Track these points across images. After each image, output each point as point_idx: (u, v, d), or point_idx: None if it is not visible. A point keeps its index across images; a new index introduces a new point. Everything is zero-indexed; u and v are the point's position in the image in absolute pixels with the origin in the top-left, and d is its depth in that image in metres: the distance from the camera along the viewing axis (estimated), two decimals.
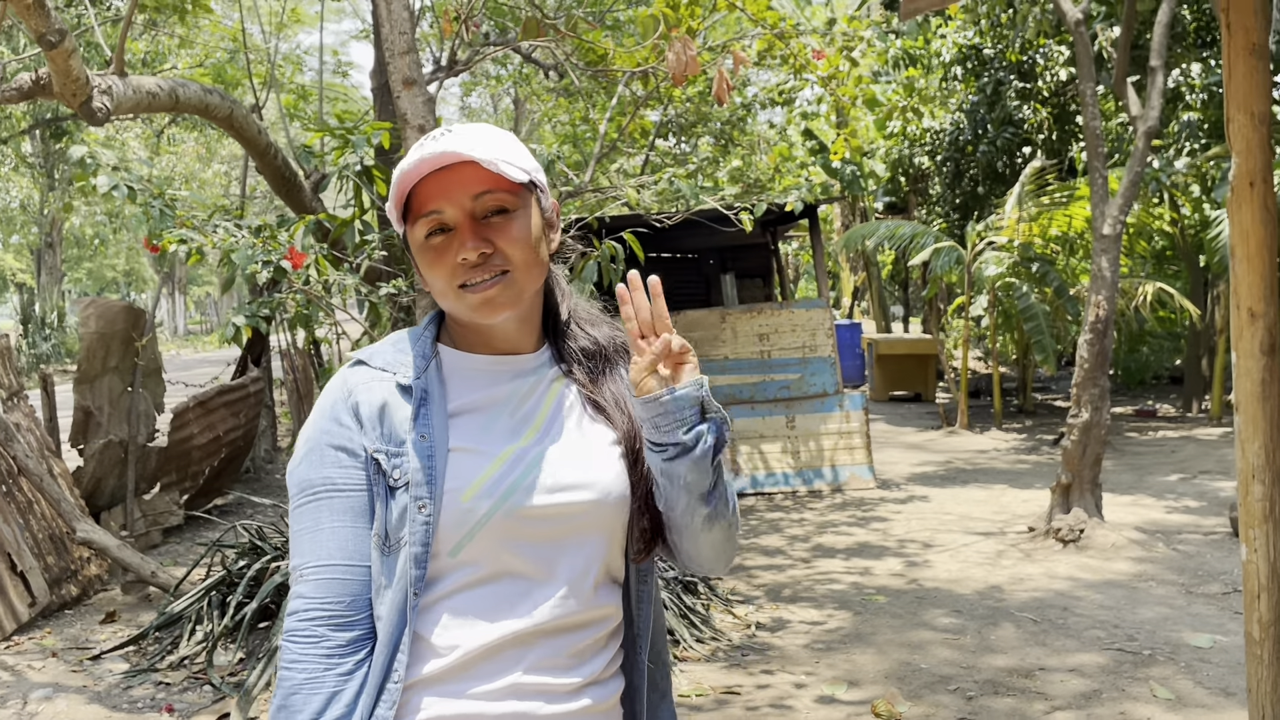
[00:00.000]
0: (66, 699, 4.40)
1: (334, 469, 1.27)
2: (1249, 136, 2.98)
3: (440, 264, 1.28)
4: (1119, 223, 6.74)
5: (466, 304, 1.28)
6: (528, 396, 1.34)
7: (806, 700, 4.31)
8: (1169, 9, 6.74)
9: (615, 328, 1.44)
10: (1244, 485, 2.99)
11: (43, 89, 4.59)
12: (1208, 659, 4.63)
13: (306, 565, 1.26)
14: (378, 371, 1.31)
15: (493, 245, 1.27)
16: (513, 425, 1.32)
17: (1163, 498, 8.21)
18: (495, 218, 1.28)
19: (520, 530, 1.26)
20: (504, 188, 1.28)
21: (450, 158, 1.24)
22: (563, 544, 1.29)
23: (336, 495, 1.27)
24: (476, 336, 1.35)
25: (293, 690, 1.23)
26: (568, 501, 1.28)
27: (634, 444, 1.34)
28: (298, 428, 11.02)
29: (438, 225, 1.28)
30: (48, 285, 27.85)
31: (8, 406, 5.79)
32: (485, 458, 1.27)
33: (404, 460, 1.25)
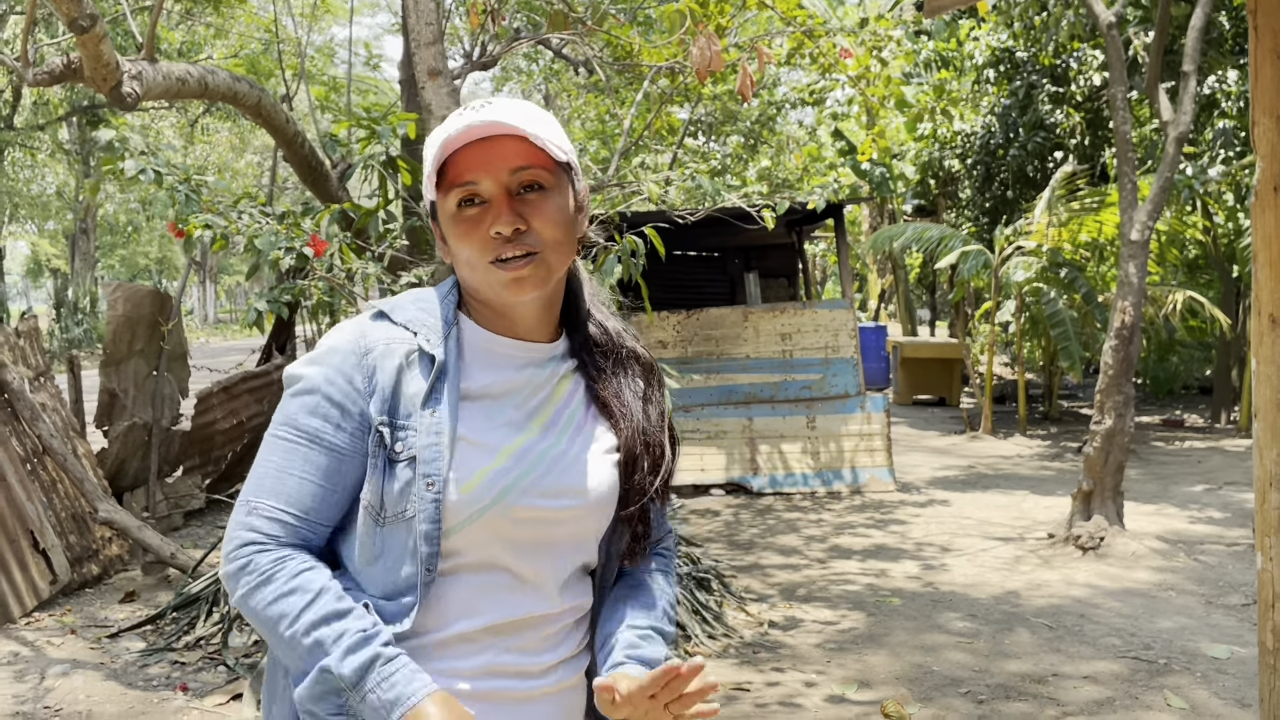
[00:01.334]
0: (83, 675, 4.46)
1: (323, 423, 1.25)
2: (1274, 141, 2.94)
3: (472, 236, 1.26)
4: (1147, 229, 6.68)
5: (495, 279, 1.26)
6: (539, 389, 1.34)
7: (816, 699, 4.30)
8: (1203, 14, 6.67)
9: (625, 326, 1.44)
10: (1261, 493, 2.96)
11: (73, 73, 4.65)
12: (1224, 670, 4.58)
13: (264, 503, 1.24)
14: (399, 329, 1.29)
15: (527, 222, 1.26)
16: (519, 418, 1.31)
17: (1186, 508, 8.12)
18: (531, 194, 1.27)
19: (510, 528, 1.27)
20: (543, 164, 1.27)
21: (497, 128, 1.23)
22: (547, 545, 1.31)
23: (316, 449, 1.25)
24: (496, 315, 1.33)
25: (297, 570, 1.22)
26: (558, 506, 1.30)
27: (631, 450, 1.35)
28: None
29: (472, 196, 1.26)
30: (81, 271, 28.21)
31: (34, 387, 5.87)
32: (489, 452, 1.27)
33: (409, 435, 1.24)
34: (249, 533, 1.23)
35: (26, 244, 38.90)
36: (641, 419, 1.37)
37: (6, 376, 5.43)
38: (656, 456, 1.38)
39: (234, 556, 1.23)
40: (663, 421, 1.40)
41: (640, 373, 1.41)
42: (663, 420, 1.41)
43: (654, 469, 1.37)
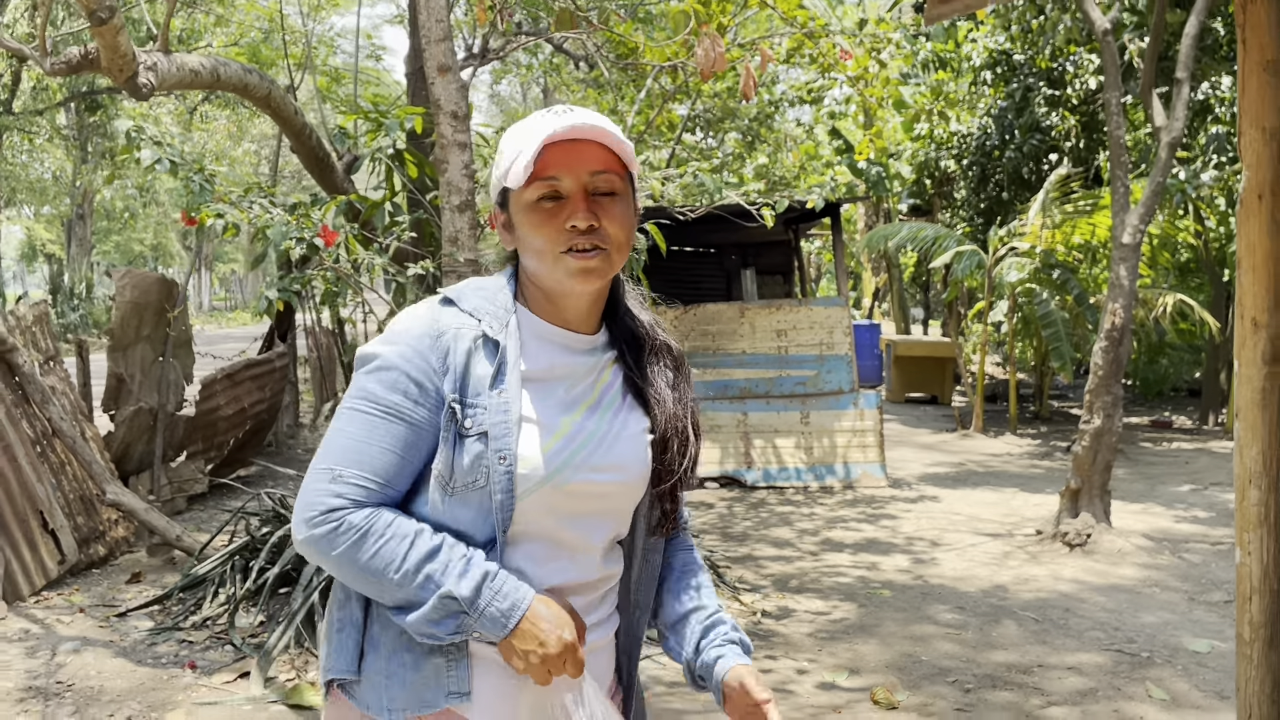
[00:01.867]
0: (94, 652, 4.57)
1: (403, 398, 1.36)
2: (1259, 151, 3.05)
3: (548, 226, 1.38)
4: (1139, 232, 6.80)
5: (565, 268, 1.38)
6: (585, 375, 1.47)
7: (808, 685, 4.42)
8: (1197, 21, 6.79)
9: (656, 320, 1.57)
10: (1241, 490, 3.07)
11: (91, 63, 4.74)
12: (1205, 663, 4.71)
13: (348, 470, 1.34)
14: (466, 316, 1.41)
15: (599, 221, 1.38)
16: (568, 400, 1.44)
17: (1172, 507, 8.26)
18: (604, 197, 1.40)
19: (562, 500, 1.40)
20: (617, 171, 1.41)
21: (592, 132, 1.37)
22: (592, 517, 1.45)
23: (396, 422, 1.36)
24: (550, 305, 1.45)
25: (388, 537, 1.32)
26: (603, 481, 1.43)
27: (664, 433, 1.49)
28: (320, 405, 11.22)
29: (554, 190, 1.38)
30: (77, 257, 28.21)
31: (44, 370, 5.97)
32: (547, 431, 1.40)
33: (478, 413, 1.36)
34: (335, 499, 1.33)
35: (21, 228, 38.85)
36: (672, 405, 1.51)
37: (17, 360, 5.52)
38: (684, 440, 1.51)
39: (321, 521, 1.32)
40: (690, 409, 1.54)
41: (671, 364, 1.54)
42: (690, 408, 1.54)
43: (682, 451, 1.51)
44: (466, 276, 4.92)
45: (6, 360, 5.52)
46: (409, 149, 5.59)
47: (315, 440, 10.51)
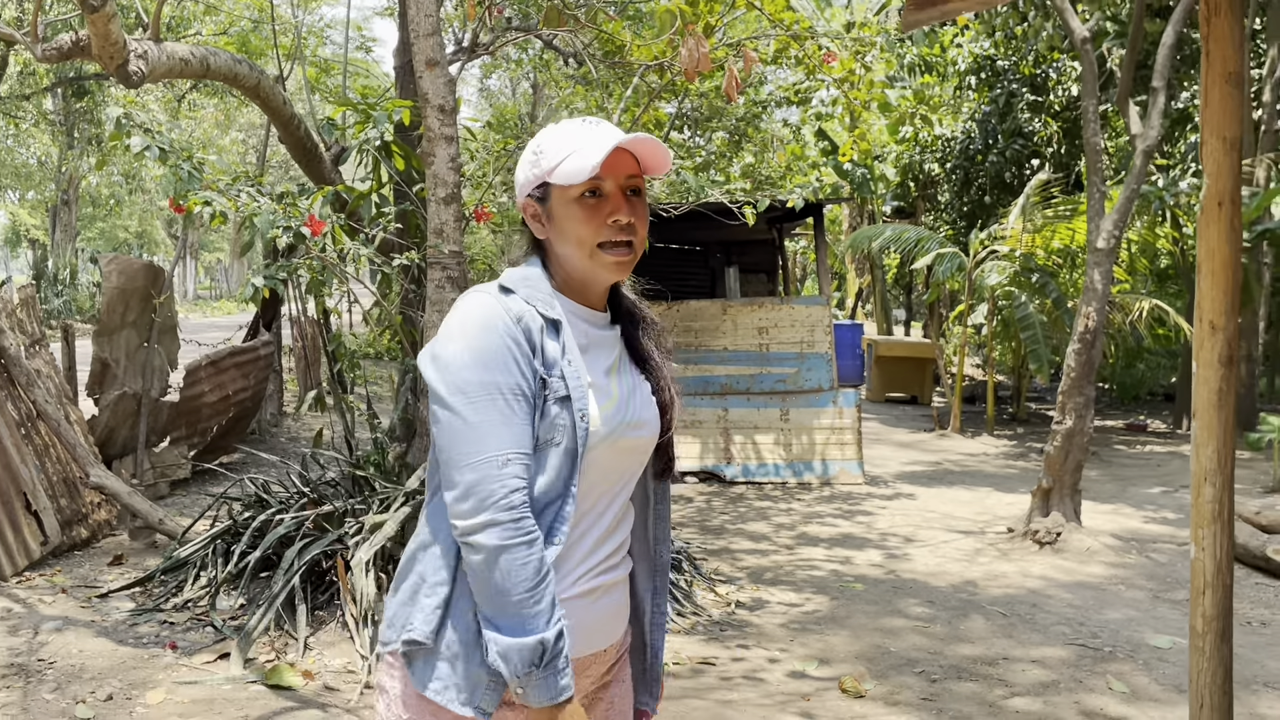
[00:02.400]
0: (75, 632, 4.63)
1: (520, 378, 1.52)
2: (1220, 160, 3.15)
3: (592, 219, 1.58)
4: (1113, 237, 6.93)
5: (599, 261, 1.60)
6: (611, 346, 1.71)
7: (778, 674, 4.52)
8: (1174, 32, 6.92)
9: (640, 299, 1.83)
10: (1196, 487, 3.18)
11: (82, 50, 4.79)
12: (1165, 659, 4.83)
13: (514, 450, 1.50)
14: (525, 304, 1.58)
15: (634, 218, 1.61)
16: (608, 366, 1.68)
17: (1142, 508, 8.41)
18: (634, 198, 1.62)
19: (614, 454, 1.63)
20: (640, 175, 1.63)
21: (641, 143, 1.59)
22: (629, 467, 1.69)
23: (524, 399, 1.53)
24: (577, 289, 1.66)
25: (544, 548, 1.51)
26: (641, 436, 1.69)
27: (666, 391, 1.75)
28: (304, 393, 11.24)
29: (596, 189, 1.59)
30: (62, 243, 28.07)
31: (30, 354, 6.01)
32: (605, 395, 1.63)
33: (558, 380, 1.55)
34: (516, 479, 1.49)
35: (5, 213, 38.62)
36: (665, 370, 1.77)
37: (4, 343, 5.57)
38: (676, 396, 1.78)
39: (508, 504, 1.47)
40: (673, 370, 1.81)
41: (657, 334, 1.80)
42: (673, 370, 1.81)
43: (675, 405, 1.77)
44: (451, 268, 5.00)
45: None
46: (396, 141, 5.65)
47: (298, 428, 10.55)
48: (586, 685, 1.69)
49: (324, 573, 4.95)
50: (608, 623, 1.69)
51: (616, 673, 1.78)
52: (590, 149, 1.55)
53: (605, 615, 1.68)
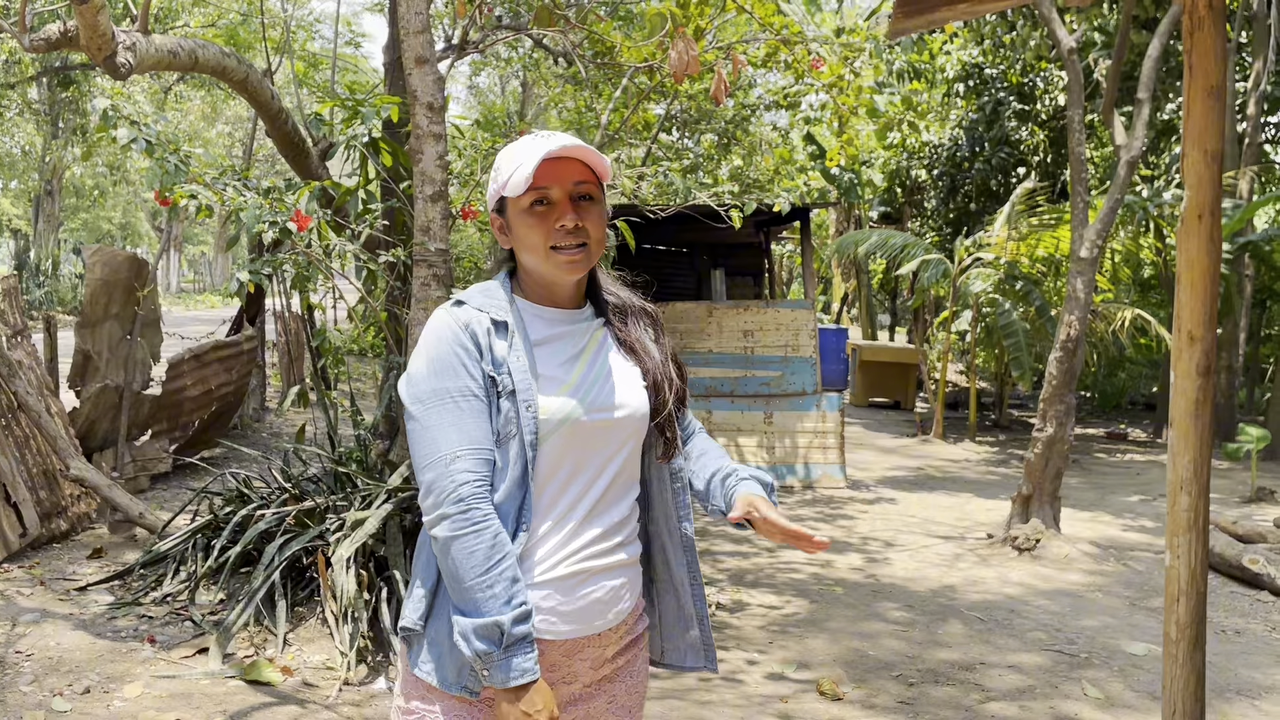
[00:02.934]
0: (53, 624, 4.61)
1: (468, 379, 1.67)
2: (1201, 172, 3.18)
3: (540, 227, 1.70)
4: (1096, 247, 6.98)
5: (554, 263, 1.71)
6: (580, 338, 1.80)
7: (757, 676, 4.54)
8: (1160, 44, 6.98)
9: (632, 291, 1.92)
10: (1172, 496, 3.21)
11: (70, 41, 4.77)
12: (1141, 666, 4.88)
13: (462, 448, 1.64)
14: (476, 311, 1.72)
15: (582, 222, 1.71)
16: (573, 355, 1.77)
17: (1121, 516, 8.47)
18: (584, 202, 1.73)
19: (579, 436, 1.71)
20: (594, 181, 1.74)
21: (571, 152, 1.69)
22: (606, 449, 1.75)
23: (473, 398, 1.67)
24: (542, 291, 1.78)
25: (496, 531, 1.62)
26: (610, 418, 1.75)
27: (655, 377, 1.82)
28: (287, 389, 11.22)
29: (543, 198, 1.71)
30: (44, 233, 27.87)
31: (11, 344, 5.97)
32: (558, 382, 1.72)
33: (506, 376, 1.68)
34: (464, 473, 1.62)
35: None
36: (657, 355, 1.86)
37: None
38: (670, 380, 1.85)
39: (455, 496, 1.61)
40: (669, 354, 1.89)
41: (650, 323, 1.91)
42: (669, 353, 1.89)
43: (670, 389, 1.85)
44: (437, 266, 5.00)
45: None
46: (384, 138, 5.65)
47: (281, 424, 10.52)
48: (584, 670, 1.75)
49: (304, 569, 4.94)
50: (601, 607, 1.74)
51: (624, 665, 1.82)
52: (529, 162, 1.66)
53: (598, 599, 1.73)
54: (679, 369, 1.89)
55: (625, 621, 1.80)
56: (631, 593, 1.81)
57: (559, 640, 1.71)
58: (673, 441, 1.85)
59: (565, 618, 1.70)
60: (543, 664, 1.69)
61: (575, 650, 1.73)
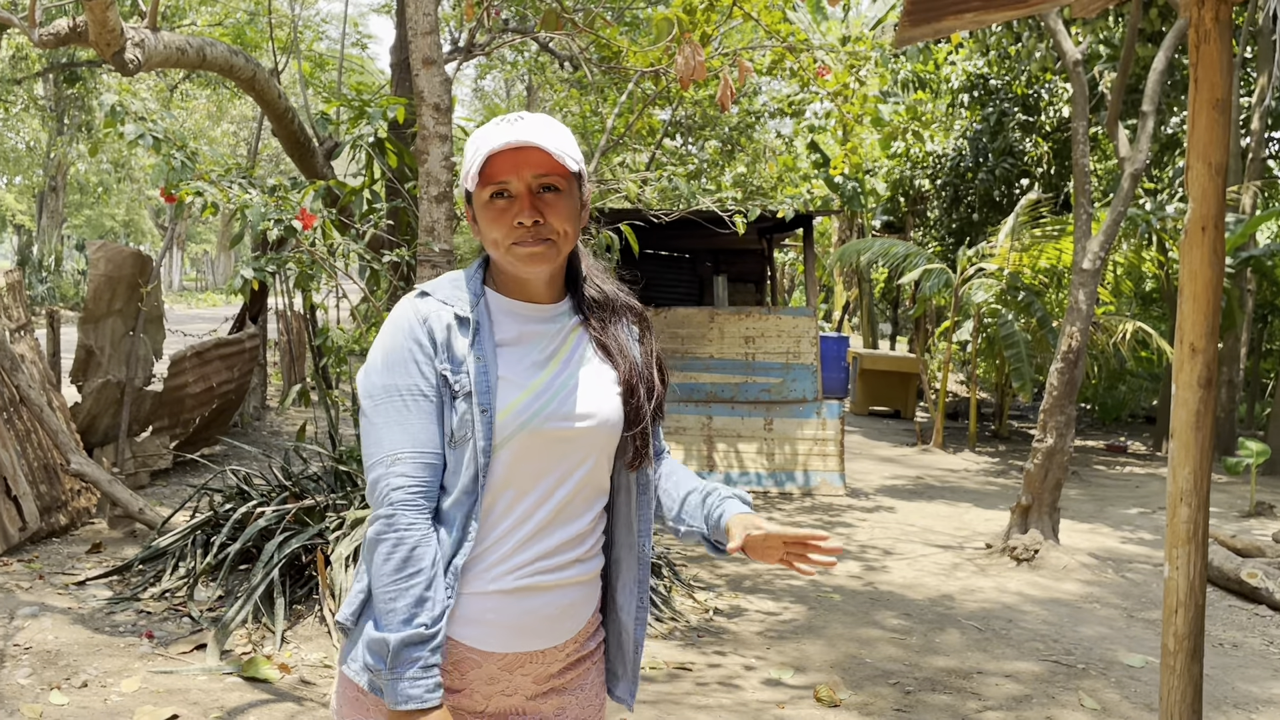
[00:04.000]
0: (52, 618, 4.61)
1: (419, 378, 1.59)
2: (1205, 185, 3.20)
3: (500, 222, 1.60)
4: (1099, 259, 6.99)
5: (515, 257, 1.61)
6: (553, 338, 1.69)
7: (754, 681, 4.54)
8: (1165, 58, 7.00)
9: (620, 287, 1.80)
10: (1172, 507, 3.22)
11: (79, 37, 4.79)
12: (1137, 677, 4.88)
13: (403, 450, 1.57)
14: (439, 303, 1.63)
15: (543, 216, 1.60)
16: (541, 359, 1.66)
17: (1120, 528, 8.47)
18: (547, 194, 1.61)
19: (539, 444, 1.62)
20: (559, 172, 1.61)
21: (526, 144, 1.57)
22: (568, 458, 1.65)
23: (421, 398, 1.59)
24: (514, 284, 1.68)
25: (415, 545, 1.54)
26: (573, 427, 1.64)
27: (630, 382, 1.70)
28: (288, 388, 11.23)
29: (502, 191, 1.60)
30: (48, 229, 27.90)
31: (14, 338, 5.99)
32: (519, 387, 1.62)
33: (464, 376, 1.59)
34: (399, 478, 1.56)
35: None
36: (635, 357, 1.73)
37: None
38: (650, 386, 1.74)
39: (387, 500, 1.55)
40: (653, 359, 1.77)
41: (634, 321, 1.78)
42: (653, 358, 1.77)
43: (649, 395, 1.73)
44: (441, 266, 5.01)
45: None
46: (390, 138, 5.67)
47: (281, 422, 10.53)
48: (526, 684, 1.66)
49: (303, 567, 4.94)
50: (547, 624, 1.65)
51: (574, 680, 1.73)
52: (479, 155, 1.58)
53: (544, 616, 1.64)
54: (662, 374, 1.78)
55: (575, 639, 1.70)
56: (584, 610, 1.71)
57: (497, 654, 1.62)
58: (643, 450, 1.72)
59: (507, 632, 1.61)
60: (480, 676, 1.62)
61: (516, 665, 1.64)
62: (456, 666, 1.61)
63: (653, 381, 1.74)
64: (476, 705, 1.63)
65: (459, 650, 1.60)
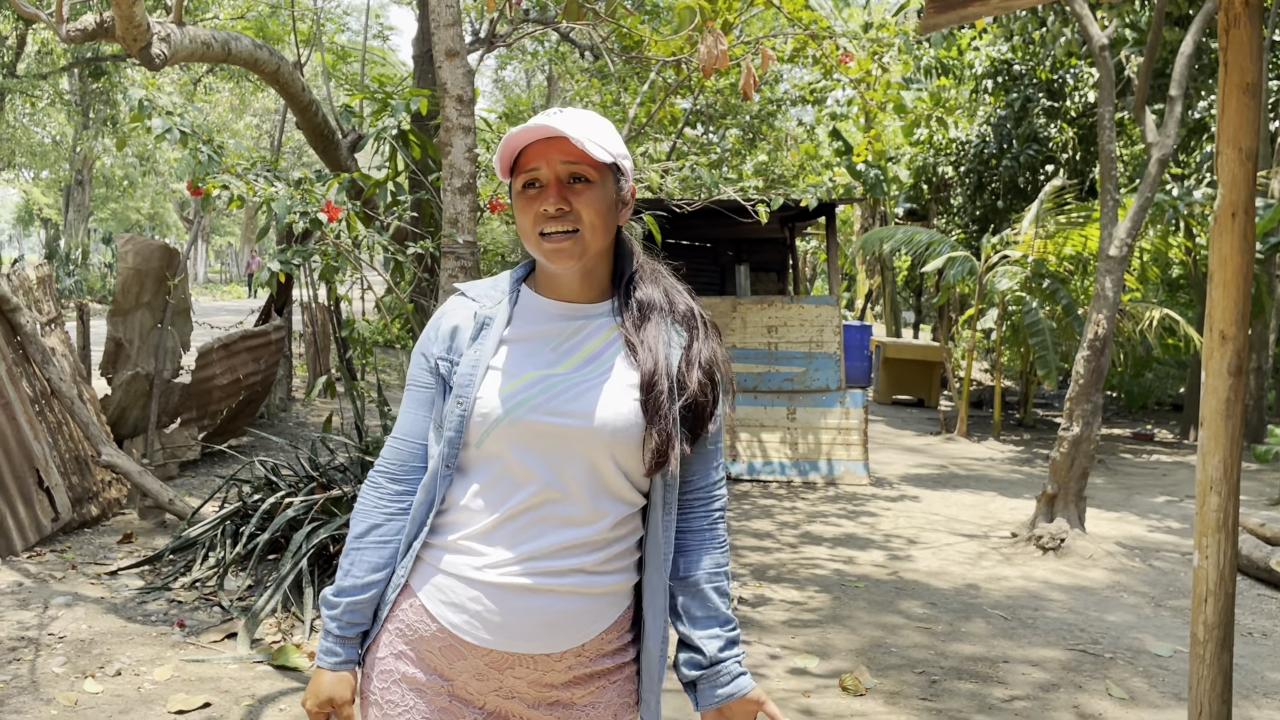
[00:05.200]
0: (85, 607, 4.67)
1: (420, 370, 1.73)
2: (1235, 171, 3.17)
3: (529, 210, 1.62)
4: (1126, 245, 6.93)
5: (542, 249, 1.63)
6: (573, 335, 1.66)
7: (779, 669, 4.55)
8: (1193, 41, 6.92)
9: (676, 288, 1.73)
10: (1202, 496, 3.20)
11: (106, 32, 4.83)
12: (1165, 666, 4.85)
13: (397, 434, 1.73)
14: (468, 300, 1.72)
15: (570, 205, 1.60)
16: (551, 357, 1.65)
17: (1147, 517, 8.41)
18: (578, 184, 1.61)
19: (521, 437, 1.60)
20: (587, 162, 1.60)
21: (549, 131, 1.59)
22: (556, 455, 1.60)
23: (417, 389, 1.73)
24: (550, 283, 1.70)
25: (354, 516, 1.72)
26: (561, 424, 1.60)
27: (649, 382, 1.61)
28: (313, 379, 11.31)
29: (533, 180, 1.62)
30: (75, 222, 28.17)
31: (45, 332, 6.06)
32: (510, 377, 1.63)
33: (457, 369, 1.65)
34: (382, 459, 1.74)
35: (19, 192, 38.74)
36: (665, 359, 1.63)
37: (20, 320, 5.62)
38: (676, 386, 1.63)
39: (366, 479, 1.75)
40: (699, 362, 1.67)
41: (681, 324, 1.69)
42: (700, 361, 1.67)
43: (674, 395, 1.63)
44: (465, 258, 5.03)
45: (9, 320, 5.62)
46: (413, 130, 5.69)
47: (306, 414, 10.60)
48: (523, 688, 1.63)
49: (331, 556, 4.99)
50: (539, 629, 1.59)
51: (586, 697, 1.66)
52: (506, 144, 1.61)
53: (535, 620, 1.58)
54: (710, 381, 1.66)
55: (578, 651, 1.63)
56: (588, 624, 1.62)
57: (482, 648, 1.59)
58: (659, 456, 1.60)
59: (492, 627, 1.58)
60: (467, 668, 1.61)
61: (504, 664, 1.60)
62: (444, 653, 1.62)
63: (687, 384, 1.64)
64: (473, 699, 1.64)
65: (445, 637, 1.62)
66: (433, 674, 1.63)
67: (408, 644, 1.64)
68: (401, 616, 1.65)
